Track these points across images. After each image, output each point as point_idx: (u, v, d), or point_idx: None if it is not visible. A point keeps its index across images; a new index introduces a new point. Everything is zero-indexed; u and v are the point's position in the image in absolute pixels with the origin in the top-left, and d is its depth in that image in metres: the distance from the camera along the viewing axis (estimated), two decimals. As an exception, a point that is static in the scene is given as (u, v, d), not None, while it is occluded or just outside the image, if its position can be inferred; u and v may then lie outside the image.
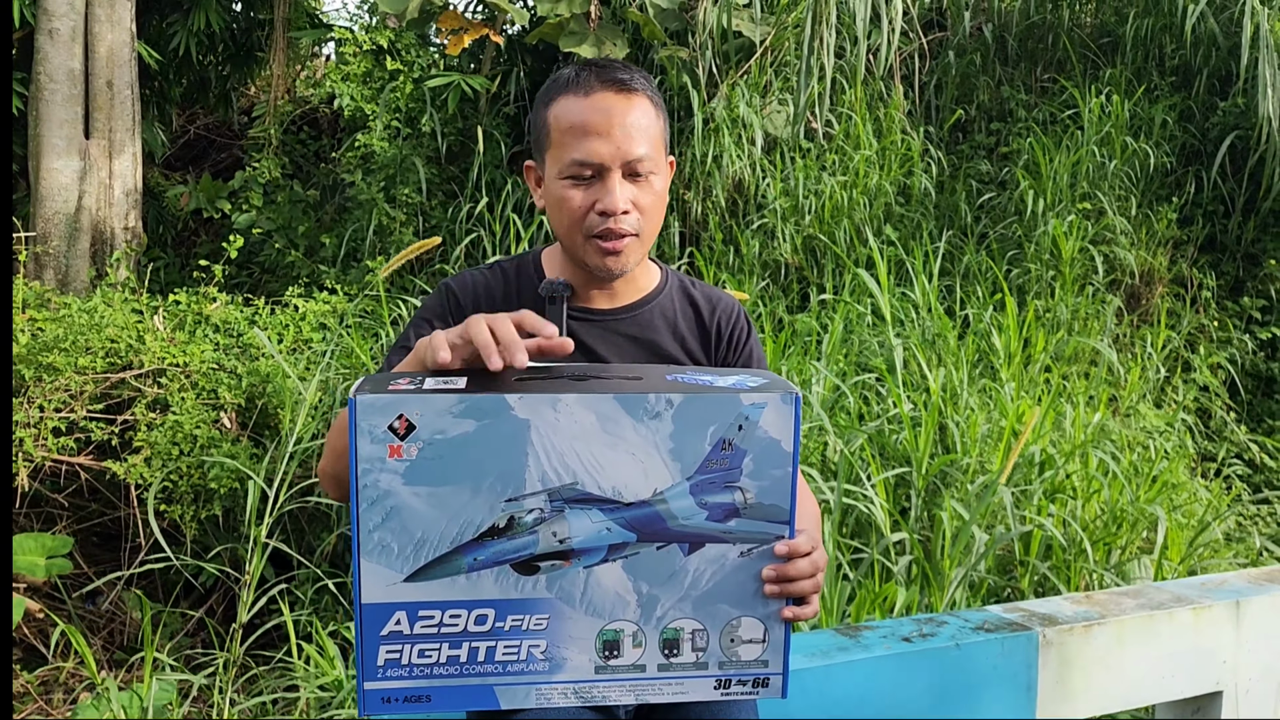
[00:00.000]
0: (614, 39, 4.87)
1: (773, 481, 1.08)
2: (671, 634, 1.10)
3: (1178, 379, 5.01)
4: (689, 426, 1.06)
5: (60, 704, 3.51)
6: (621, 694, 1.10)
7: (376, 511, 1.04)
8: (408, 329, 1.43)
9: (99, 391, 3.99)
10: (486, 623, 1.07)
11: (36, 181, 5.06)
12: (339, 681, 2.77)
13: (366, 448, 1.02)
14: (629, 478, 1.06)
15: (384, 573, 1.05)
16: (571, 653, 1.09)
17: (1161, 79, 5.84)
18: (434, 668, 1.07)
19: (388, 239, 5.23)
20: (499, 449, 1.04)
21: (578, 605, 1.08)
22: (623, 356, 1.44)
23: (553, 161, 1.37)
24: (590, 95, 1.34)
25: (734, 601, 1.10)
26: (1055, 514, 3.30)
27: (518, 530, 1.05)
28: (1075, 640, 1.69)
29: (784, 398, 1.07)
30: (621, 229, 1.35)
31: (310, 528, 3.92)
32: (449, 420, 1.03)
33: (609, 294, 1.46)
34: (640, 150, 1.34)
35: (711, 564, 1.09)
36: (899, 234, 5.06)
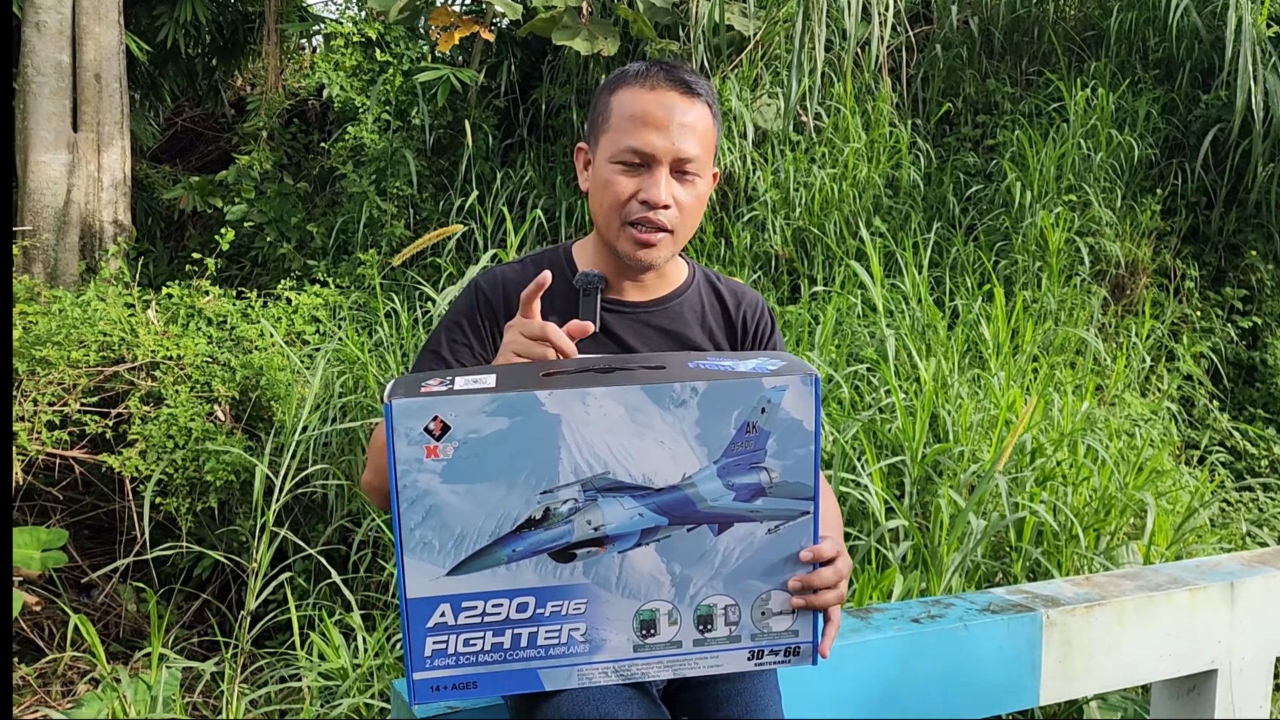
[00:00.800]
0: (606, 34, 4.89)
1: (796, 460, 1.12)
2: (705, 610, 1.14)
3: (1162, 368, 5.09)
4: (714, 412, 1.10)
5: (59, 696, 3.51)
6: (660, 669, 1.14)
7: (417, 510, 1.07)
8: (438, 331, 1.46)
9: (93, 385, 3.99)
10: (527, 610, 1.11)
11: (25, 175, 5.03)
12: (344, 670, 2.80)
13: (404, 450, 1.06)
14: (658, 464, 1.10)
15: (427, 568, 1.09)
16: (610, 633, 1.13)
17: (1145, 72, 5.91)
18: (479, 655, 1.11)
19: (379, 231, 5.23)
20: (532, 444, 1.07)
21: (614, 588, 1.12)
22: (653, 348, 1.47)
23: (606, 145, 1.41)
24: (655, 90, 1.39)
25: (763, 576, 1.15)
26: (1046, 500, 3.36)
27: (554, 520, 1.09)
28: (1077, 621, 1.74)
29: (804, 379, 1.11)
30: (659, 221, 1.39)
31: (306, 519, 3.93)
32: (482, 419, 1.07)
33: (640, 287, 1.49)
34: (692, 151, 1.39)
35: (740, 542, 1.13)
36: (888, 226, 5.11)
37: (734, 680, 1.28)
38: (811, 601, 1.15)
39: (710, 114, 1.43)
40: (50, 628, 3.84)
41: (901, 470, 3.45)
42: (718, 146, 1.48)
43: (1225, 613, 1.89)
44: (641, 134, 1.37)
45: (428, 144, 5.51)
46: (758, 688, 1.28)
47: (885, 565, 3.01)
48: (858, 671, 1.55)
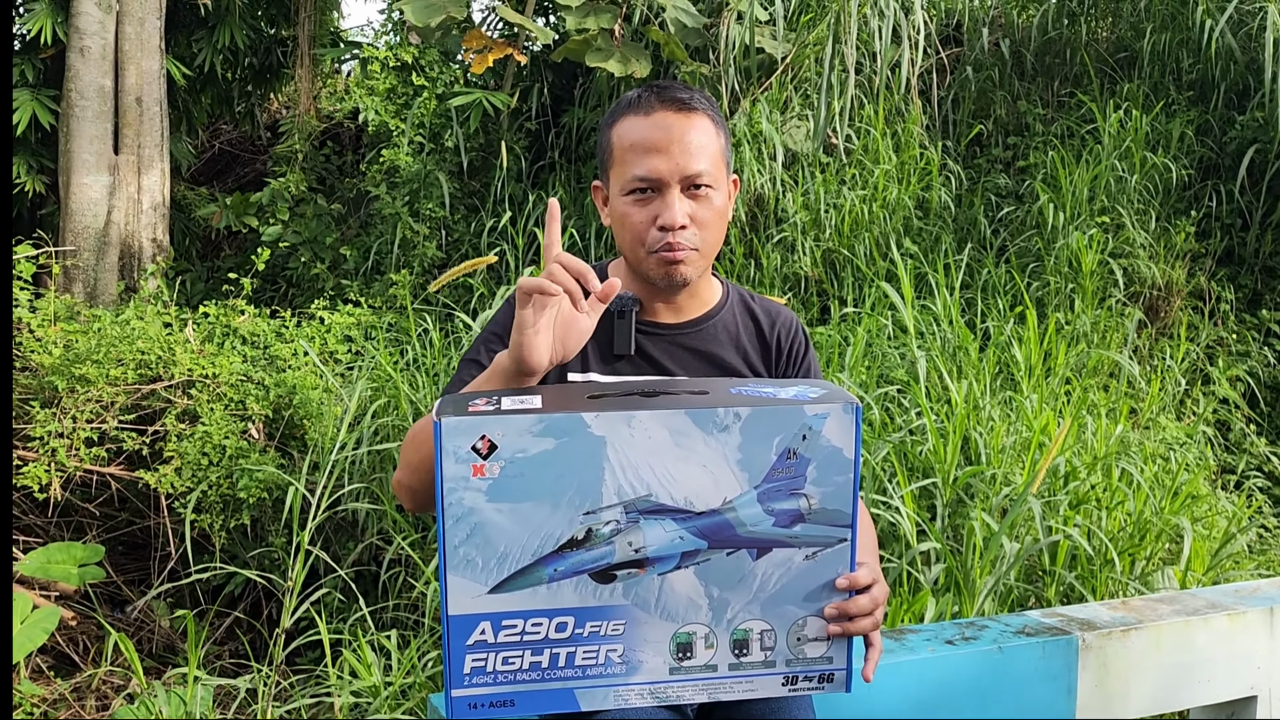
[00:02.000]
0: (638, 56, 4.93)
1: (835, 488, 1.13)
2: (741, 635, 1.15)
3: (1197, 391, 5.03)
4: (756, 438, 1.11)
5: (93, 709, 3.55)
6: (695, 693, 1.15)
7: (462, 528, 1.09)
8: (478, 341, 1.47)
9: (130, 403, 4.05)
10: (566, 629, 1.12)
11: (67, 196, 5.14)
12: (375, 688, 2.81)
13: (451, 468, 1.07)
14: (700, 488, 1.11)
15: (469, 585, 1.10)
16: (647, 655, 1.13)
17: (1179, 93, 5.88)
18: (517, 674, 1.12)
19: (411, 252, 5.29)
20: (577, 465, 1.09)
21: (653, 610, 1.13)
22: (687, 370, 1.48)
23: (616, 179, 1.42)
24: (651, 115, 1.39)
25: (800, 602, 1.15)
26: (1080, 524, 3.32)
27: (595, 541, 1.10)
28: (1114, 644, 1.72)
29: (845, 408, 1.12)
30: (680, 243, 1.39)
31: (337, 537, 3.96)
32: (529, 439, 1.08)
33: (674, 308, 1.49)
34: (699, 166, 1.38)
35: (778, 567, 1.14)
36: (919, 247, 5.10)
37: (768, 701, 1.28)
38: (848, 629, 1.16)
39: (712, 124, 1.42)
40: (85, 642, 3.88)
41: (933, 493, 3.43)
42: (730, 153, 1.48)
43: (1265, 638, 1.87)
44: (645, 161, 1.37)
45: (462, 166, 5.57)
46: (791, 708, 1.28)
47: (917, 588, 2.99)
48: (892, 692, 1.54)
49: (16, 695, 3.47)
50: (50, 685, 3.63)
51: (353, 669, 2.89)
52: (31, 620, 3.49)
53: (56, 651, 3.82)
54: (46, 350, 4.03)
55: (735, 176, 1.50)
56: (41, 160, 5.48)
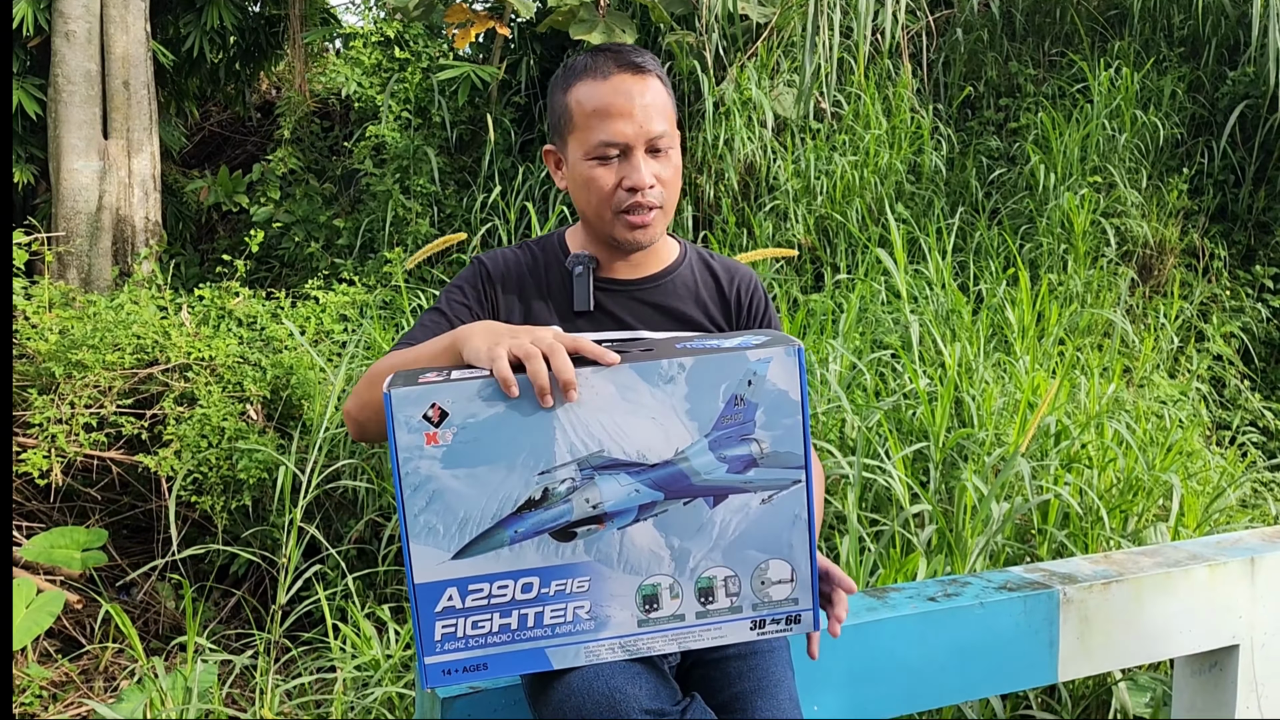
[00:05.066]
0: (623, 25, 4.91)
1: (785, 430, 1.15)
2: (705, 583, 1.17)
3: (1191, 349, 5.04)
4: (702, 387, 1.13)
5: (101, 691, 3.60)
6: (664, 643, 1.17)
7: (420, 496, 1.10)
8: (441, 295, 1.51)
9: (128, 387, 4.07)
10: (532, 590, 1.14)
11: (57, 182, 5.14)
12: (376, 661, 2.85)
13: (405, 438, 1.09)
14: (651, 441, 1.13)
15: (433, 553, 1.12)
16: (614, 610, 1.15)
17: (1170, 50, 5.84)
18: (488, 637, 1.14)
19: (404, 230, 5.29)
20: (528, 426, 1.10)
21: (615, 565, 1.15)
22: (648, 324, 1.51)
23: (577, 144, 1.44)
24: (609, 79, 1.42)
25: (760, 546, 1.17)
26: (1072, 483, 3.34)
27: (553, 500, 1.12)
28: (1095, 598, 1.74)
29: (787, 351, 1.14)
30: (649, 202, 1.43)
31: (338, 515, 3.99)
32: (479, 404, 1.10)
33: (631, 265, 1.53)
34: (659, 127, 1.43)
35: (736, 514, 1.16)
36: (911, 212, 5.10)
37: (746, 656, 1.31)
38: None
39: (662, 84, 1.46)
40: (91, 625, 3.93)
41: (926, 456, 3.45)
42: (675, 109, 1.51)
43: (1246, 588, 1.89)
44: (609, 126, 1.40)
45: (450, 141, 5.56)
46: (769, 664, 1.31)
47: (909, 549, 3.01)
48: (874, 650, 1.57)
49: (25, 679, 3.52)
50: (58, 668, 3.68)
51: (353, 643, 2.93)
52: (37, 604, 3.53)
53: (63, 635, 3.86)
54: (43, 337, 4.05)
55: (677, 132, 1.54)
56: (30, 149, 5.47)
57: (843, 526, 3.10)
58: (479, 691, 1.35)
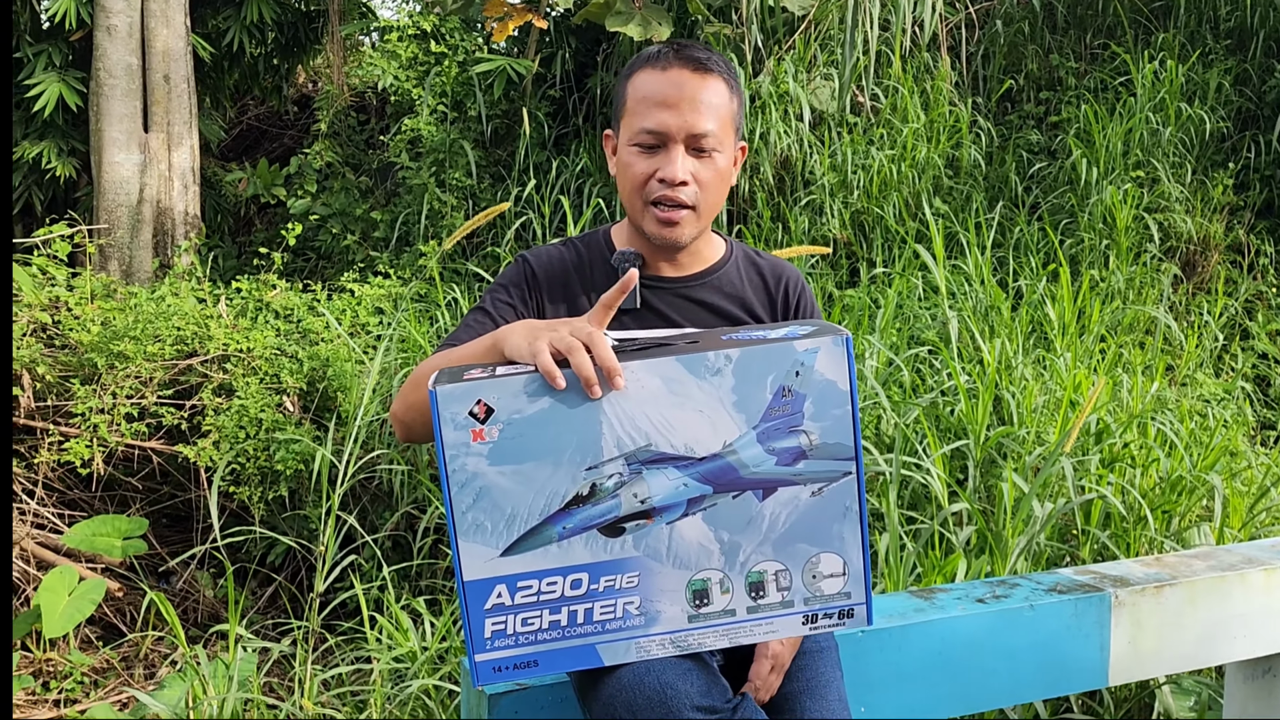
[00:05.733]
0: (659, 18, 4.89)
1: (834, 421, 1.13)
2: (756, 577, 1.15)
3: (1235, 346, 4.95)
4: (749, 378, 1.11)
5: (141, 678, 3.64)
6: (715, 638, 1.16)
7: (467, 494, 1.10)
8: (485, 294, 1.51)
9: (168, 378, 4.11)
10: (581, 586, 1.13)
11: (99, 175, 5.19)
12: (413, 653, 2.86)
13: (451, 435, 1.08)
14: (699, 434, 1.11)
15: (481, 550, 1.11)
16: (664, 605, 1.14)
17: (1216, 43, 5.74)
18: (538, 634, 1.13)
19: (439, 223, 5.30)
20: (574, 421, 1.09)
21: (665, 560, 1.13)
22: (693, 321, 1.50)
23: (625, 129, 1.44)
24: (667, 70, 1.41)
25: (811, 539, 1.15)
26: (1114, 483, 3.29)
27: (600, 496, 1.11)
28: (1147, 601, 1.71)
29: (835, 341, 1.12)
30: (678, 198, 1.41)
31: (373, 507, 4.01)
32: (524, 400, 1.09)
33: (675, 264, 1.52)
34: (706, 126, 1.40)
35: (786, 506, 1.14)
36: (949, 206, 5.04)
37: (796, 658, 1.29)
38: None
39: (727, 88, 1.44)
40: (131, 613, 3.98)
41: (965, 454, 3.42)
42: (741, 120, 1.49)
43: (1302, 593, 1.85)
44: (654, 114, 1.40)
45: (485, 135, 5.57)
46: (819, 664, 1.29)
47: (949, 549, 2.98)
48: (922, 650, 1.55)
49: (67, 665, 3.57)
50: (99, 654, 3.72)
51: (390, 634, 2.94)
52: (79, 592, 3.58)
53: (104, 622, 3.92)
54: (85, 328, 4.10)
55: (744, 144, 1.52)
56: (72, 142, 5.53)
57: (880, 524, 3.07)
58: (526, 688, 1.35)
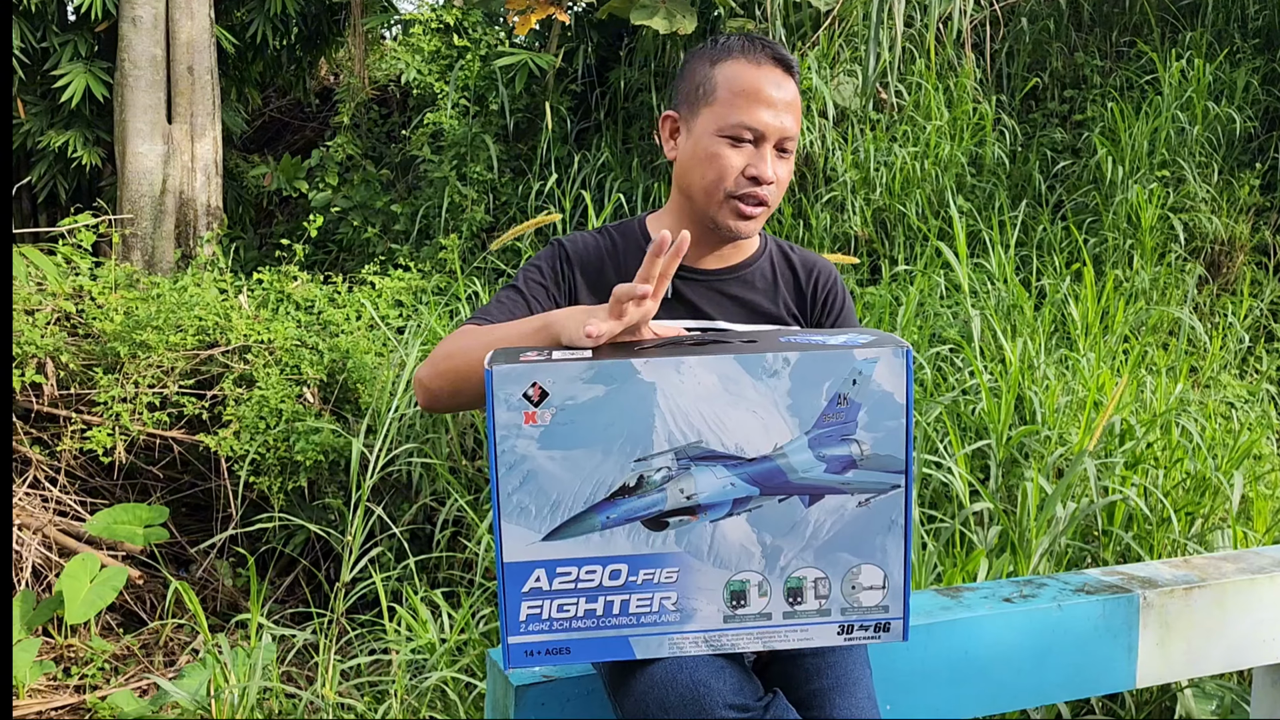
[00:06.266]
0: (683, 11, 4.88)
1: (887, 433, 1.12)
2: (795, 583, 1.14)
3: (1260, 348, 4.90)
4: (806, 383, 1.10)
5: (161, 665, 3.67)
6: (749, 641, 1.15)
7: (515, 476, 1.09)
8: (520, 272, 1.50)
9: (189, 368, 4.13)
10: (620, 577, 1.12)
11: (123, 165, 5.22)
12: (432, 645, 2.86)
13: (503, 415, 1.08)
14: (750, 434, 1.10)
15: (523, 533, 1.10)
16: (701, 603, 1.14)
17: (1244, 41, 5.68)
18: (572, 621, 1.13)
19: (460, 216, 5.31)
20: (627, 411, 1.09)
21: (705, 558, 1.13)
22: (725, 315, 1.50)
23: (712, 117, 1.44)
24: (761, 66, 1.43)
25: (854, 550, 1.14)
26: (1137, 484, 3.27)
27: (647, 488, 1.10)
28: (1176, 603, 1.70)
29: (895, 352, 1.11)
30: (762, 195, 1.43)
31: (391, 499, 4.03)
32: (579, 386, 1.08)
33: (713, 256, 1.52)
34: (793, 129, 1.45)
35: (831, 514, 1.13)
36: (972, 204, 5.01)
37: (824, 654, 1.28)
38: None
39: (798, 91, 1.48)
40: (152, 600, 4.01)
41: (986, 453, 3.40)
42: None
43: (1333, 598, 1.83)
44: (754, 111, 1.41)
45: (508, 129, 5.57)
46: (848, 662, 1.28)
47: (970, 548, 2.96)
48: (948, 649, 1.54)
49: (88, 651, 3.59)
50: (119, 642, 3.75)
51: (409, 625, 2.94)
52: (100, 579, 3.61)
53: (125, 609, 3.95)
54: (108, 317, 4.13)
55: None
56: (97, 133, 5.57)
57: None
58: (552, 681, 1.34)
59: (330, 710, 2.80)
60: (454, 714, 2.73)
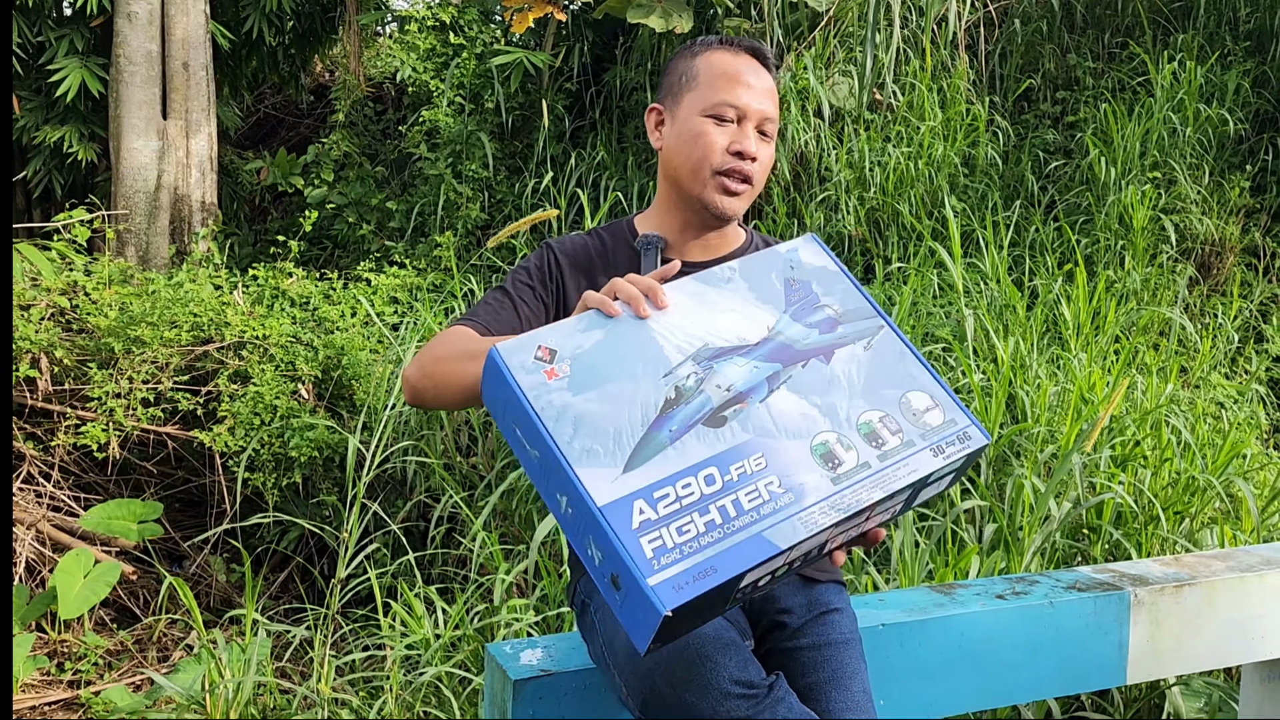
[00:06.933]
0: (680, 11, 4.89)
1: (842, 293, 1.26)
2: (866, 428, 1.16)
3: (1250, 349, 4.94)
4: (757, 279, 1.24)
5: (154, 661, 3.67)
6: (869, 491, 1.13)
7: (565, 425, 1.08)
8: (512, 276, 1.54)
9: (184, 364, 4.13)
10: (715, 481, 1.10)
11: (117, 161, 5.21)
12: (426, 640, 2.87)
13: (527, 379, 1.10)
14: (741, 327, 1.19)
15: (603, 472, 1.07)
16: (803, 475, 1.12)
17: (1235, 44, 5.71)
18: (700, 538, 1.07)
19: (455, 214, 5.31)
20: (633, 343, 1.15)
21: (777, 434, 1.13)
22: None
23: (696, 100, 1.51)
24: (739, 55, 1.52)
25: (890, 383, 1.20)
26: (1126, 482, 3.30)
27: (688, 395, 1.13)
28: (1166, 601, 1.72)
29: (806, 239, 1.29)
30: (747, 170, 1.49)
31: (387, 495, 4.03)
32: (580, 337, 1.13)
33: (700, 247, 1.56)
34: (773, 112, 1.52)
35: (850, 363, 1.20)
36: (965, 204, 5.03)
37: (821, 647, 1.30)
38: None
39: (775, 84, 1.56)
40: (145, 596, 4.00)
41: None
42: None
43: (1320, 595, 1.85)
44: (736, 90, 1.49)
45: (505, 127, 5.57)
46: (844, 655, 1.30)
47: (961, 547, 2.99)
48: (942, 645, 1.56)
49: (81, 647, 3.59)
50: (113, 637, 3.75)
51: (404, 621, 2.95)
52: (94, 574, 3.61)
53: (118, 605, 3.94)
54: (102, 313, 4.12)
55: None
56: (93, 128, 5.56)
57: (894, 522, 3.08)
58: (550, 675, 1.36)
59: (325, 706, 2.81)
60: (448, 709, 2.74)
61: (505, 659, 1.39)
